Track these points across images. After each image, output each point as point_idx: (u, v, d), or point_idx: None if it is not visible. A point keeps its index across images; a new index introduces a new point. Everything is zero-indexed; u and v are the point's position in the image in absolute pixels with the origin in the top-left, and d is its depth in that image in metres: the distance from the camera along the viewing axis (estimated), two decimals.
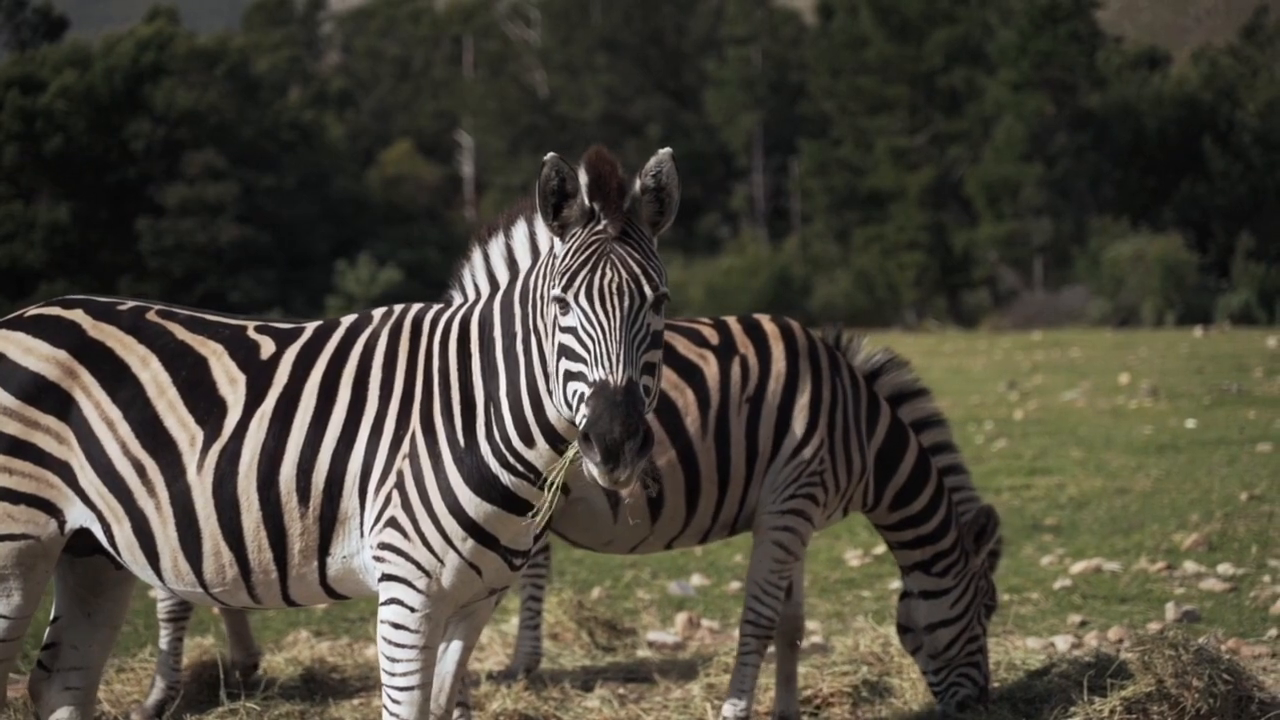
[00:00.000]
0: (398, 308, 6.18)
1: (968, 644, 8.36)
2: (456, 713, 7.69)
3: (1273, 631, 10.22)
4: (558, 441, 5.71)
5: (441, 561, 5.82)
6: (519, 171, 73.35)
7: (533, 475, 5.76)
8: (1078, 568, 12.38)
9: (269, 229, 64.61)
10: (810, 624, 10.98)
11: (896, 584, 12.12)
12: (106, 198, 66.06)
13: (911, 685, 8.72)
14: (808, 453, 7.90)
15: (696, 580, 12.43)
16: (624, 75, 76.55)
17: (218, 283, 63.91)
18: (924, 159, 65.14)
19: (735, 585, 12.22)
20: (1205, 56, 68.76)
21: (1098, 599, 11.47)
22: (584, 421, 5.27)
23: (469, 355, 5.89)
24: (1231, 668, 7.94)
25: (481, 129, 75.55)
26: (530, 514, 5.81)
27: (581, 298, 5.41)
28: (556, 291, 5.44)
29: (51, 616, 6.57)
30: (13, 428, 6.10)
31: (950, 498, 8.38)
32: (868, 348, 8.38)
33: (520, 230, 5.95)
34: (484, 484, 5.78)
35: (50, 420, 6.10)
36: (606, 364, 5.31)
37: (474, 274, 6.07)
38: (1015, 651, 9.43)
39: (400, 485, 5.84)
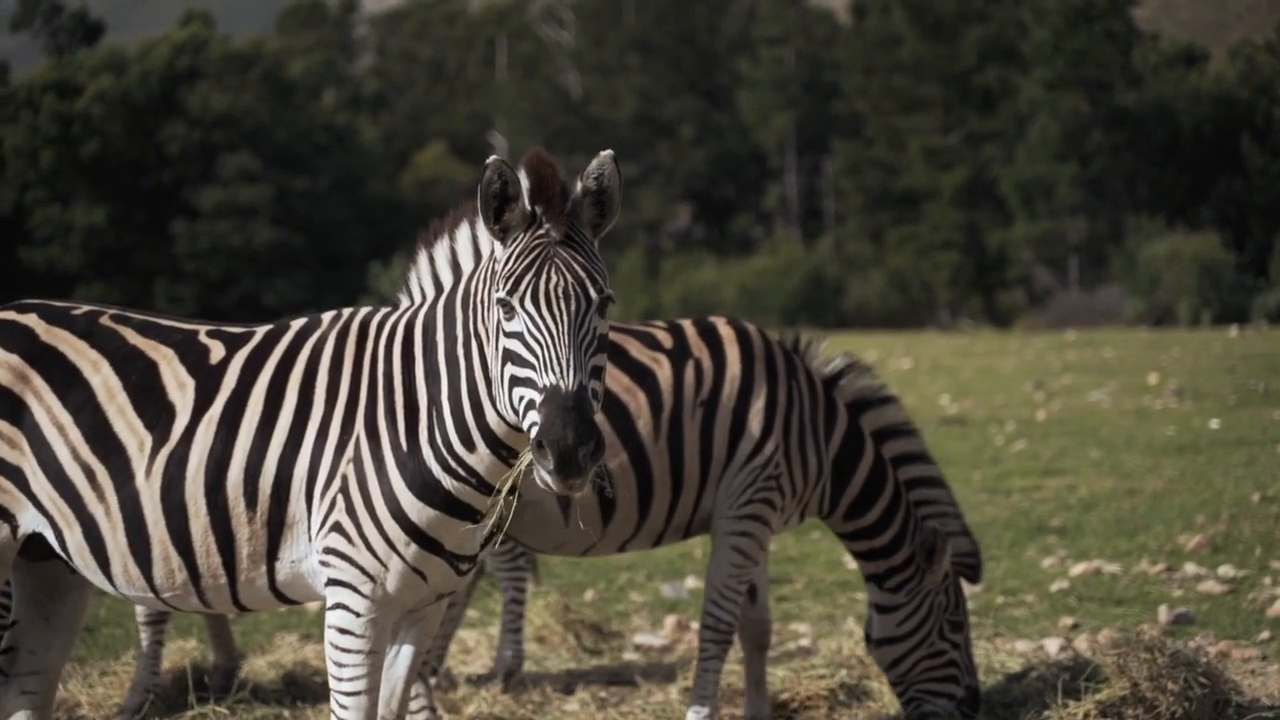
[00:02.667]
0: (346, 311, 6.16)
1: (924, 660, 8.21)
2: (423, 716, 7.66)
3: (1265, 634, 10.14)
4: (498, 446, 5.68)
5: (385, 566, 5.80)
6: None
7: (474, 480, 5.73)
8: (1077, 569, 12.31)
9: (303, 231, 64.88)
10: (801, 626, 10.94)
11: None
12: (142, 201, 66.44)
13: (890, 689, 8.66)
14: (763, 457, 7.85)
15: (691, 583, 12.40)
16: (657, 76, 76.55)
17: (253, 285, 64.22)
18: (958, 158, 64.95)
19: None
20: (1242, 54, 68.32)
21: (1093, 601, 11.40)
22: (536, 429, 5.24)
23: (413, 359, 5.86)
24: (1209, 670, 7.89)
25: (515, 131, 75.60)
26: (490, 525, 5.79)
27: (528, 302, 5.38)
28: (501, 295, 5.41)
29: (10, 621, 6.57)
30: None
31: (911, 511, 8.26)
32: (827, 352, 8.31)
33: (463, 233, 5.92)
34: (426, 488, 5.75)
35: (2, 425, 6.09)
36: (557, 369, 5.27)
37: (420, 277, 6.04)
38: (997, 655, 9.39)
39: (345, 490, 5.82)
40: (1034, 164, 61.24)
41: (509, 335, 5.41)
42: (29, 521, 6.12)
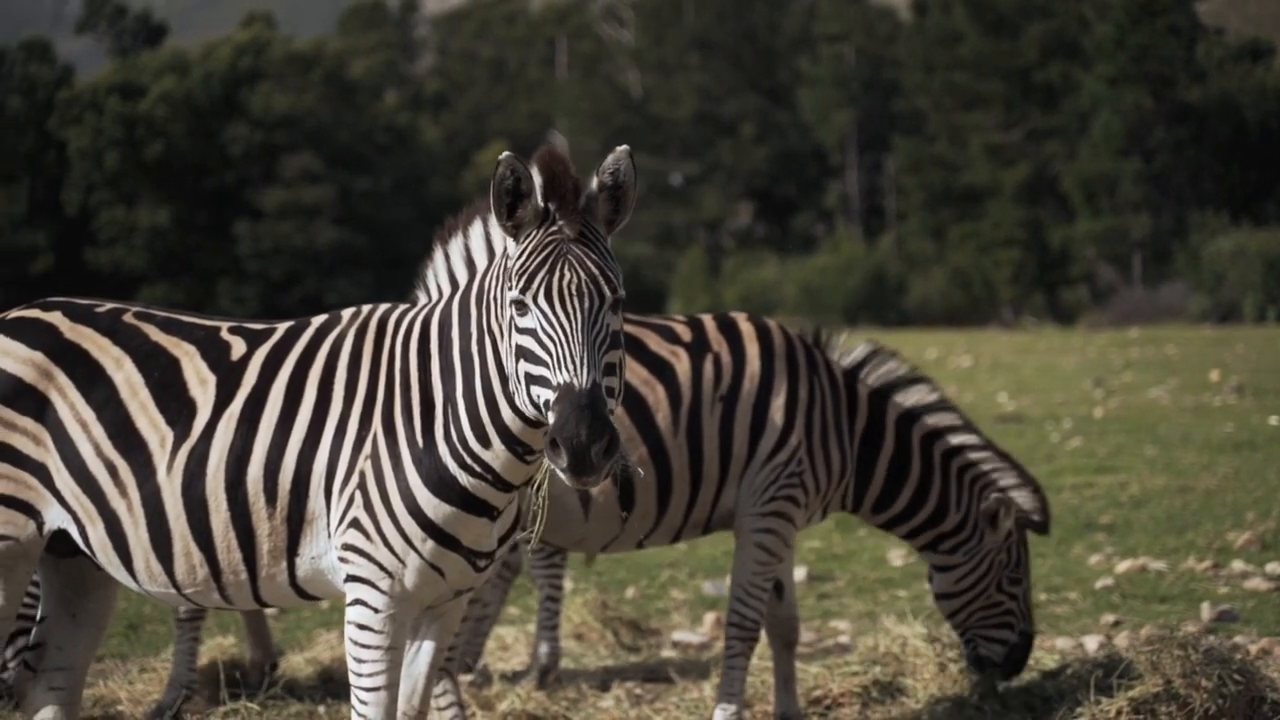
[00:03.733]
0: (366, 308, 6.18)
1: (980, 611, 8.34)
2: (451, 713, 7.67)
3: None
4: (513, 443, 5.68)
5: (403, 562, 5.80)
6: None
7: (490, 476, 5.74)
8: (1123, 567, 12.22)
9: (365, 231, 65.16)
10: (840, 624, 10.91)
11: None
12: (205, 202, 66.90)
13: (924, 686, 8.61)
14: (786, 453, 7.82)
15: None
16: (717, 74, 76.50)
17: (315, 285, 64.53)
18: (1020, 155, 64.65)
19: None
20: None
21: (1137, 598, 11.32)
22: (550, 425, 5.23)
23: (429, 356, 5.87)
24: (1244, 667, 7.81)
25: (575, 130, 75.70)
26: (525, 529, 5.80)
27: (541, 299, 5.37)
28: (514, 293, 5.40)
29: (38, 617, 6.62)
30: None
31: (952, 480, 8.29)
32: (848, 343, 8.29)
33: (477, 230, 5.92)
34: (442, 485, 5.76)
35: (27, 422, 6.14)
36: (570, 367, 5.27)
37: (436, 274, 6.05)
38: (1035, 652, 9.31)
39: (362, 486, 5.83)
40: (1097, 160, 60.89)
41: (522, 332, 5.40)
42: (54, 518, 6.16)
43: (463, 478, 5.75)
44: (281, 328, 6.23)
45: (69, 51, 79.53)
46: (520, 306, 5.40)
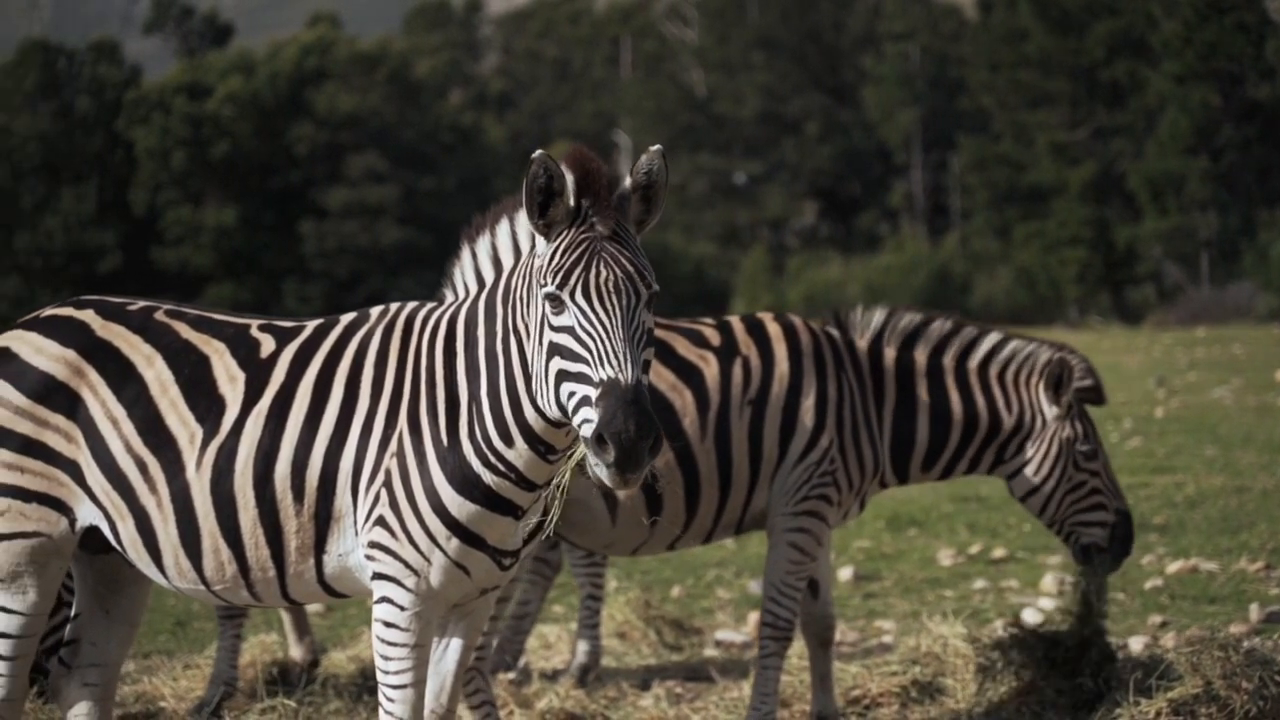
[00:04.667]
0: (395, 305, 6.19)
1: (1067, 497, 8.32)
2: (483, 712, 7.68)
3: None
4: (536, 442, 5.69)
5: (428, 560, 5.81)
6: (676, 171, 73.27)
7: (513, 475, 5.74)
8: (1174, 567, 12.14)
9: (430, 231, 65.32)
10: (885, 624, 10.88)
11: (981, 584, 11.98)
12: (271, 201, 67.20)
13: (964, 686, 8.58)
14: (818, 453, 7.81)
15: None
16: (781, 73, 76.30)
17: (380, 284, 64.71)
18: (1086, 153, 64.19)
19: None
20: None
21: (1186, 599, 11.24)
22: (591, 423, 5.23)
23: (454, 354, 5.87)
24: None
25: (639, 129, 75.64)
26: (543, 522, 5.79)
27: (579, 296, 5.37)
28: (550, 289, 5.40)
29: (72, 613, 6.67)
30: (24, 427, 6.19)
31: (995, 386, 8.28)
32: (868, 316, 8.25)
33: (504, 229, 5.92)
34: (466, 483, 5.76)
35: (59, 419, 6.18)
36: (614, 363, 5.27)
37: (463, 272, 6.05)
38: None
39: (388, 484, 5.84)
40: (1164, 158, 60.37)
41: (557, 330, 5.40)
42: (86, 514, 6.20)
43: (486, 476, 5.75)
44: (310, 325, 6.25)
45: (137, 52, 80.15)
46: (556, 303, 5.40)
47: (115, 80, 69.55)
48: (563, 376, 5.38)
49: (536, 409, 5.62)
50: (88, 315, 6.34)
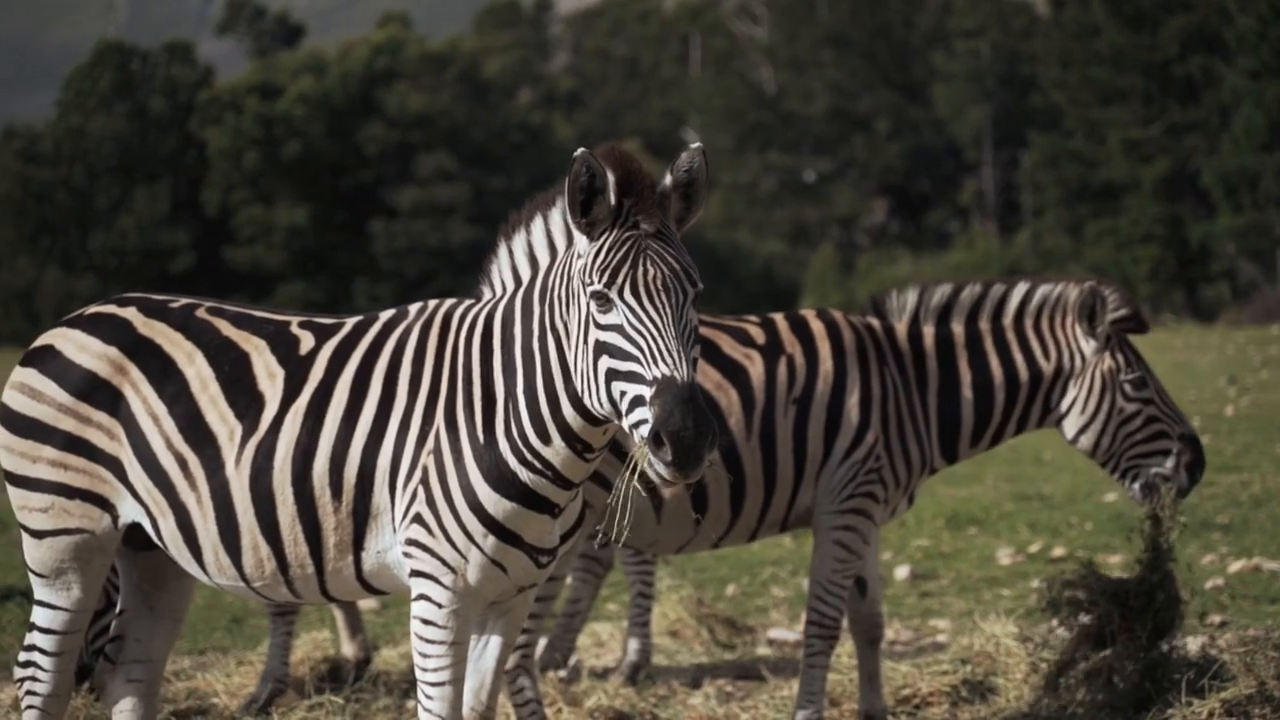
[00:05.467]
0: (433, 303, 6.19)
1: (1120, 429, 8.10)
2: (529, 709, 7.66)
3: None
4: (573, 440, 5.68)
5: (465, 558, 5.80)
6: (745, 169, 73.29)
7: (550, 473, 5.73)
8: (1235, 567, 12.01)
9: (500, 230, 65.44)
10: (940, 623, 10.81)
11: (1038, 583, 11.87)
12: (342, 201, 67.51)
13: (1015, 686, 8.51)
14: (863, 450, 7.76)
15: None
16: (851, 70, 76.05)
17: (450, 283, 64.86)
18: (1158, 150, 63.63)
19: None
20: None
21: (1247, 599, 11.11)
22: (646, 422, 5.21)
23: (491, 352, 5.87)
24: None
25: (708, 127, 75.53)
26: (608, 530, 5.77)
27: (627, 294, 5.37)
28: (598, 288, 5.39)
29: (117, 609, 6.70)
30: (68, 424, 6.23)
31: (1028, 345, 8.15)
32: (903, 297, 8.18)
33: (539, 227, 5.92)
34: (503, 481, 5.75)
35: (102, 416, 6.22)
36: (669, 360, 5.26)
37: (500, 269, 6.05)
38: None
39: (425, 481, 5.84)
40: (1238, 155, 59.77)
41: (605, 328, 5.39)
42: (128, 511, 6.23)
43: (523, 474, 5.74)
44: (350, 322, 6.27)
45: (210, 53, 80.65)
46: (603, 301, 5.39)
47: (188, 81, 70.08)
48: (612, 375, 5.37)
49: (575, 406, 5.61)
50: (130, 313, 6.37)
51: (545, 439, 5.71)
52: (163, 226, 66.80)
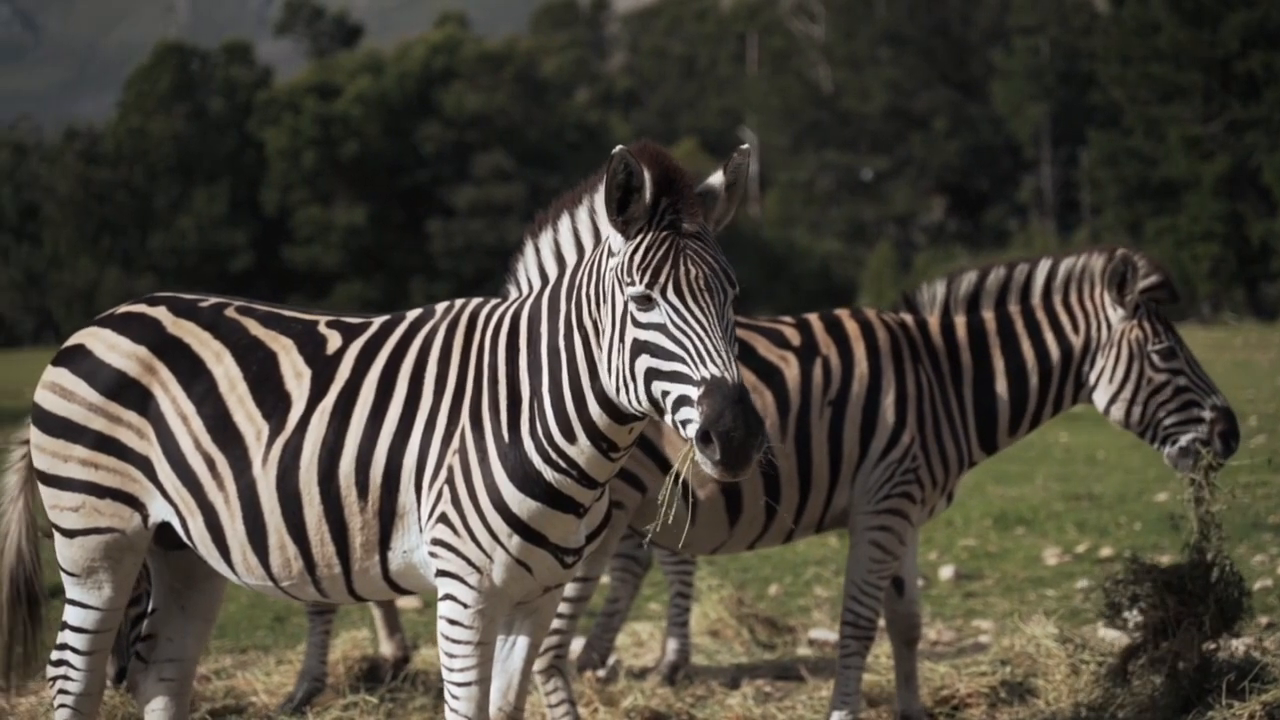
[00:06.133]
0: (459, 302, 6.16)
1: (1151, 399, 7.94)
2: (562, 710, 7.64)
3: None
4: (599, 439, 5.65)
5: (490, 558, 5.78)
6: (802, 168, 73.14)
7: (575, 472, 5.71)
8: None
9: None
10: (983, 623, 10.73)
11: (1085, 583, 11.80)
12: (399, 200, 67.76)
13: (1055, 688, 8.42)
14: (899, 451, 7.69)
15: None
16: (909, 68, 75.83)
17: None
18: (1219, 147, 63.15)
19: (917, 583, 11.96)
20: None
21: None
22: (693, 423, 5.18)
23: (517, 350, 5.84)
24: None
25: (765, 125, 75.46)
26: (650, 530, 5.73)
27: (670, 293, 5.34)
28: (640, 288, 5.35)
29: (150, 609, 6.72)
30: (98, 423, 6.24)
31: (1058, 322, 8.04)
32: (931, 290, 8.12)
33: (565, 225, 5.88)
34: (527, 480, 5.73)
35: (132, 415, 6.22)
36: (717, 361, 5.23)
37: (527, 268, 6.02)
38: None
39: (450, 481, 5.82)
40: None
41: (646, 327, 5.36)
42: (158, 510, 6.24)
43: (547, 473, 5.72)
44: (377, 321, 6.25)
45: (269, 54, 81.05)
46: (645, 301, 5.36)
47: (247, 81, 70.52)
48: (654, 375, 5.34)
49: (602, 404, 5.59)
50: (160, 312, 6.38)
51: (570, 437, 5.68)
52: (222, 226, 67.22)
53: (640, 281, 5.36)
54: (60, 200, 68.50)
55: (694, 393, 5.21)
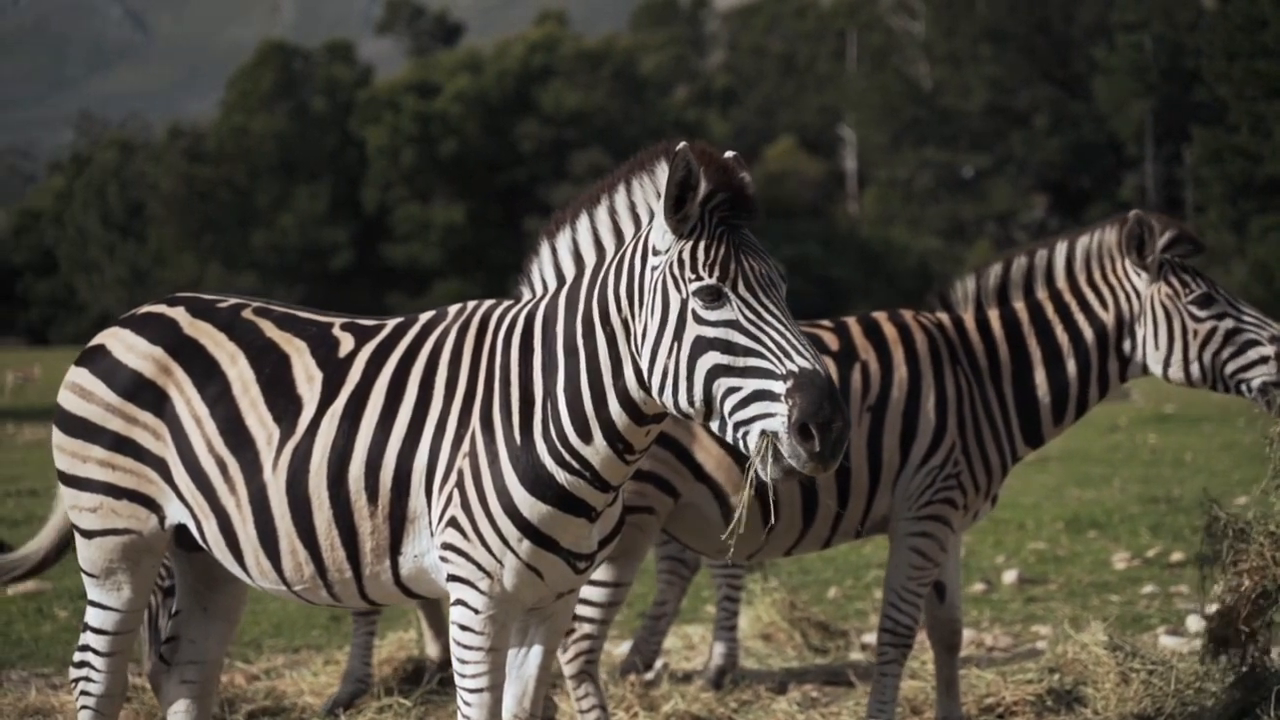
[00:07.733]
0: (472, 303, 6.09)
1: (1203, 350, 7.68)
2: (594, 715, 7.55)
3: None
4: (616, 439, 5.57)
5: (501, 563, 5.70)
6: (901, 165, 72.72)
7: (588, 474, 5.61)
8: None
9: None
10: (1043, 629, 10.55)
11: (1150, 588, 11.59)
12: (497, 198, 68.01)
13: (1103, 697, 8.24)
14: (940, 456, 7.54)
15: None
16: (1010, 65, 75.20)
17: None
18: None
19: (979, 587, 11.80)
20: None
21: None
22: (781, 416, 5.08)
23: (531, 352, 5.75)
24: None
25: (864, 123, 75.09)
26: (726, 536, 5.64)
27: (741, 288, 5.27)
28: (710, 282, 5.28)
29: (173, 610, 6.70)
30: (115, 424, 6.22)
31: (1087, 303, 7.84)
32: (963, 287, 7.97)
33: (584, 224, 5.80)
34: (539, 483, 5.64)
35: (148, 417, 6.20)
36: (805, 353, 5.16)
37: (541, 269, 5.93)
38: (1215, 663, 8.84)
39: (460, 484, 5.74)
40: None
41: (714, 324, 5.27)
42: (174, 512, 6.21)
43: (560, 475, 5.63)
44: (390, 324, 6.19)
45: (371, 52, 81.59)
46: (713, 296, 5.27)
47: (348, 80, 71.01)
48: (720, 371, 5.24)
49: (623, 403, 5.52)
50: (178, 313, 6.36)
51: (586, 437, 5.59)
52: (322, 224, 67.74)
53: (711, 276, 5.28)
54: (164, 198, 69.28)
55: (778, 387, 5.12)
